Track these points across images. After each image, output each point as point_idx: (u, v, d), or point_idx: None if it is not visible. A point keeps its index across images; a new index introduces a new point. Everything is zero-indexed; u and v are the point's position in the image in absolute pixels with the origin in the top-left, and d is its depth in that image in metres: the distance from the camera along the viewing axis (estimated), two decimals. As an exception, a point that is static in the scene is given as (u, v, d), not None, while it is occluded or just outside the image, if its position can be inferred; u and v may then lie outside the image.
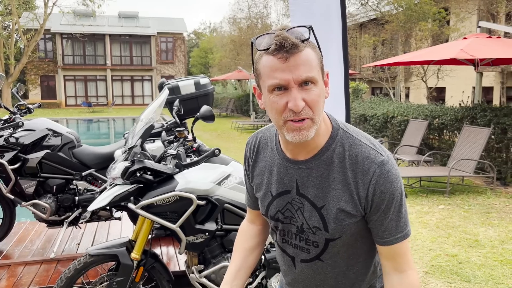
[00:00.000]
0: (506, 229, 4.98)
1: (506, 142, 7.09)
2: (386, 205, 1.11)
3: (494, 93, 13.55)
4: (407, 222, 1.15)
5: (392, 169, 1.10)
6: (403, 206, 1.14)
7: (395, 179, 1.10)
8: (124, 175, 2.40)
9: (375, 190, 1.09)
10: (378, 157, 1.10)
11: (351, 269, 1.24)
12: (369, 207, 1.11)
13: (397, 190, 1.11)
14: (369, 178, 1.09)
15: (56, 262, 3.58)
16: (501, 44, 6.88)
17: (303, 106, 1.03)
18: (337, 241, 1.17)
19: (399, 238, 1.14)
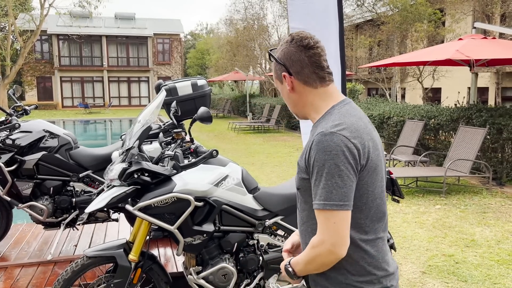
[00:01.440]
0: (502, 229, 5.00)
1: (502, 142, 7.13)
2: (311, 170, 1.31)
3: (489, 94, 13.61)
4: (326, 196, 1.27)
5: (324, 141, 1.28)
6: (326, 179, 1.27)
7: (322, 150, 1.27)
8: (121, 176, 2.41)
9: (309, 154, 1.32)
10: (322, 129, 1.31)
11: (313, 230, 1.40)
12: (307, 166, 1.34)
13: (320, 160, 1.27)
14: (310, 142, 1.33)
15: (53, 264, 3.57)
16: (496, 44, 6.92)
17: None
18: (299, 192, 1.42)
19: (314, 205, 1.30)
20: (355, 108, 1.41)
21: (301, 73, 1.40)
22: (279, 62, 1.42)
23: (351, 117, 1.35)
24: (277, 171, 8.63)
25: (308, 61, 1.39)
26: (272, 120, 16.75)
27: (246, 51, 23.08)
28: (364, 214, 1.35)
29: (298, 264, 1.39)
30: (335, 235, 1.27)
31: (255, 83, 34.61)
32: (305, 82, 1.40)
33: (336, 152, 1.26)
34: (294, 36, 1.41)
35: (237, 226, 2.69)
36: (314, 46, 1.39)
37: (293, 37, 1.41)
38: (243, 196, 2.68)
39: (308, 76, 1.39)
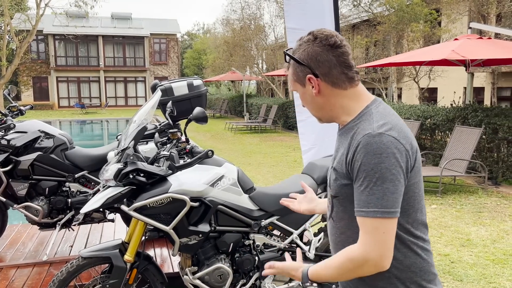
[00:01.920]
0: (498, 228, 5.02)
1: (497, 142, 7.16)
2: (357, 174, 1.20)
3: (485, 94, 13.67)
4: (376, 203, 1.17)
5: (373, 143, 1.17)
6: (376, 184, 1.16)
7: (371, 153, 1.17)
8: (117, 177, 2.40)
9: (353, 157, 1.21)
10: (368, 130, 1.20)
11: (355, 240, 1.29)
12: (351, 171, 1.23)
13: (370, 163, 1.17)
14: (355, 145, 1.21)
15: (49, 265, 3.56)
16: (491, 45, 6.94)
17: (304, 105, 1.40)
18: (337, 200, 1.31)
19: (360, 212, 1.20)
20: (389, 107, 1.32)
21: (329, 75, 1.28)
22: (303, 63, 1.29)
23: (393, 116, 1.25)
24: (274, 171, 8.63)
25: (336, 61, 1.28)
26: (269, 120, 16.76)
27: (243, 51, 23.07)
28: (412, 217, 1.26)
29: (320, 274, 1.28)
30: (383, 246, 1.17)
31: (252, 83, 34.62)
32: (334, 84, 1.29)
33: (387, 155, 1.16)
34: (317, 34, 1.29)
35: (233, 226, 2.69)
36: (341, 45, 1.29)
37: (316, 36, 1.29)
38: (239, 196, 2.68)
39: (337, 77, 1.29)
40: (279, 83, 24.14)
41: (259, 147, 12.29)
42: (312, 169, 3.04)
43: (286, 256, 1.56)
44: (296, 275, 1.35)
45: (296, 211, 1.68)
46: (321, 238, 2.94)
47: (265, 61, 24.80)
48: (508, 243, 4.54)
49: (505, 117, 7.09)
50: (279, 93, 22.31)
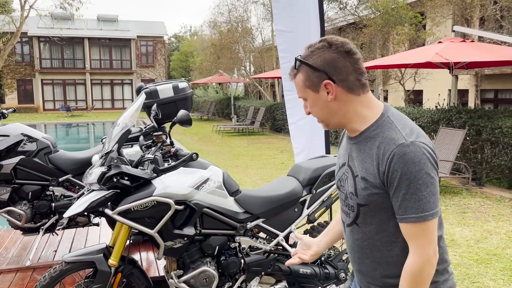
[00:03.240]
0: (481, 229, 5.10)
1: (481, 143, 7.28)
2: (398, 182, 1.25)
3: (469, 96, 13.88)
4: (424, 207, 1.24)
5: (410, 153, 1.24)
6: (421, 190, 1.24)
7: (410, 162, 1.24)
8: (100, 180, 2.38)
9: (389, 167, 1.26)
10: (400, 140, 1.26)
11: (387, 246, 1.36)
12: (386, 182, 1.28)
13: (411, 172, 1.23)
14: (388, 155, 1.27)
15: (32, 270, 3.51)
16: (474, 48, 7.06)
17: (309, 112, 1.42)
18: (365, 208, 1.36)
19: (409, 219, 1.26)
20: (398, 111, 1.40)
21: (346, 80, 1.32)
22: (320, 69, 1.32)
23: (409, 121, 1.34)
24: (261, 174, 8.64)
25: (352, 67, 1.32)
26: (257, 122, 16.77)
27: (230, 54, 23.07)
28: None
29: None
30: (434, 243, 1.27)
31: (240, 86, 34.63)
32: (350, 90, 1.33)
33: (424, 161, 1.24)
34: (332, 41, 1.33)
35: (219, 229, 2.68)
36: (355, 52, 1.33)
37: (331, 42, 1.33)
38: (224, 199, 2.68)
39: (353, 83, 1.33)
40: (266, 86, 24.19)
41: (246, 150, 12.29)
42: (297, 171, 3.05)
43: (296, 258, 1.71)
44: None
45: (307, 261, 1.71)
46: (307, 240, 2.95)
47: (253, 63, 24.83)
48: (491, 243, 4.62)
49: (488, 118, 7.21)
50: (266, 95, 22.34)
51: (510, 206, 6.07)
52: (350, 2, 14.75)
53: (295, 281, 2.93)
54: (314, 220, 3.03)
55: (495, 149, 7.05)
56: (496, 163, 6.97)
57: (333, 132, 11.66)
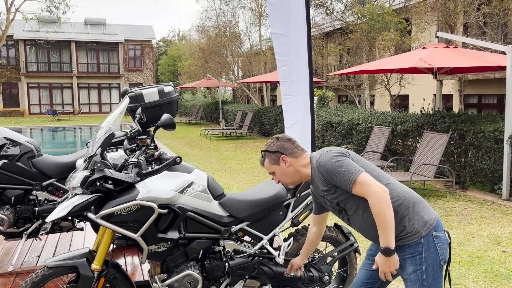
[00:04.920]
0: (464, 231, 5.18)
1: (464, 148, 7.39)
2: (330, 176, 2.05)
3: (453, 101, 14.10)
4: (348, 174, 1.99)
5: (321, 161, 2.08)
6: (340, 171, 2.01)
7: (324, 163, 2.06)
8: (83, 184, 2.37)
9: (322, 174, 2.09)
10: (315, 160, 2.16)
11: (367, 210, 2.04)
12: (328, 181, 2.08)
13: (329, 168, 2.04)
14: (318, 171, 2.12)
15: (15, 276, 3.47)
16: (457, 53, 7.19)
17: (279, 181, 2.28)
18: (339, 202, 2.11)
19: (350, 184, 1.99)
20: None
21: (291, 153, 2.22)
22: (277, 151, 2.22)
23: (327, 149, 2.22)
24: (249, 178, 8.65)
25: (293, 145, 2.24)
26: (245, 126, 16.79)
27: (218, 58, 23.09)
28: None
29: (388, 234, 1.92)
30: (372, 185, 1.99)
31: (228, 90, 34.64)
32: (295, 156, 2.22)
33: (329, 158, 2.08)
34: (279, 136, 2.27)
35: (203, 233, 2.69)
36: (292, 139, 2.26)
37: (278, 137, 2.26)
38: (209, 203, 2.69)
39: (296, 153, 2.23)
40: (254, 90, 24.25)
41: (234, 154, 12.30)
42: (281, 175, 3.07)
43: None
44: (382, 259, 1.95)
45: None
46: (291, 243, 2.97)
47: (241, 68, 24.88)
48: (474, 246, 4.69)
49: (471, 123, 7.34)
50: (254, 100, 22.39)
51: (492, 209, 6.18)
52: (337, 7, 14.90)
53: (280, 284, 2.95)
54: (298, 223, 3.05)
55: (478, 153, 7.17)
56: (479, 167, 7.09)
57: (320, 137, 11.74)
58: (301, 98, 4.37)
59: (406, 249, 2.00)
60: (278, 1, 4.22)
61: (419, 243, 1.97)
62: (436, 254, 1.98)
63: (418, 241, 1.97)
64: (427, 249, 1.97)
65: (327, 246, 3.42)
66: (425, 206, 2.05)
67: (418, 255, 1.97)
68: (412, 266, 1.98)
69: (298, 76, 4.32)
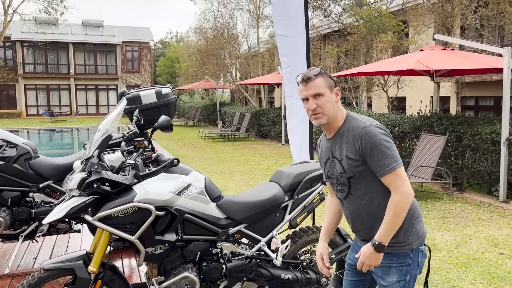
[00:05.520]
0: (461, 233, 5.18)
1: (462, 150, 7.41)
2: (370, 150, 1.87)
3: (451, 103, 14.13)
4: (391, 159, 1.85)
5: (371, 130, 1.88)
6: (385, 151, 1.85)
7: (373, 135, 1.87)
8: (81, 186, 2.37)
9: (361, 143, 1.89)
10: (363, 124, 1.92)
11: (374, 200, 1.94)
12: (362, 154, 1.89)
13: (375, 141, 1.86)
14: (358, 136, 1.90)
15: (11, 278, 3.45)
16: (455, 56, 7.21)
17: (316, 107, 1.94)
18: (354, 178, 1.95)
19: (386, 171, 1.86)
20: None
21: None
22: (333, 80, 1.99)
23: (366, 116, 1.99)
24: (246, 179, 8.65)
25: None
26: (242, 128, 16.79)
27: (216, 60, 23.10)
28: None
29: (386, 232, 1.87)
30: (407, 182, 1.91)
31: (226, 92, 34.65)
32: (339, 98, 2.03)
33: (380, 134, 1.88)
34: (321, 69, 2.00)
35: (200, 235, 2.68)
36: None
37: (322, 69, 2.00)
38: (206, 205, 2.68)
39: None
40: (252, 92, 24.25)
41: (232, 155, 12.29)
42: (279, 177, 3.08)
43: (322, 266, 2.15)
44: (370, 252, 1.90)
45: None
46: (288, 245, 2.97)
47: (239, 69, 24.89)
48: (471, 248, 4.70)
49: (469, 125, 7.35)
50: (252, 101, 22.40)
51: (489, 211, 6.19)
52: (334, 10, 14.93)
53: (277, 287, 2.94)
54: (296, 226, 3.05)
55: (475, 155, 7.18)
56: (476, 169, 7.10)
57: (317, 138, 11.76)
58: (293, 101, 4.38)
59: (394, 257, 1.96)
60: (280, 2, 4.24)
61: (408, 254, 1.96)
62: (417, 268, 1.99)
63: (407, 253, 1.96)
64: (413, 262, 1.97)
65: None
66: (421, 219, 2.03)
67: (405, 266, 1.96)
68: (396, 276, 1.96)
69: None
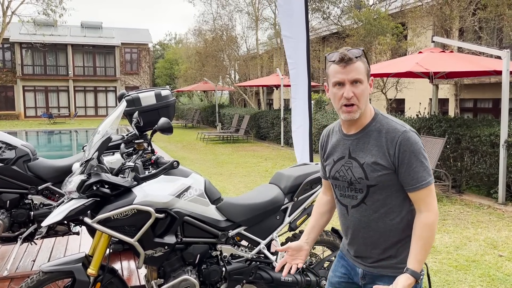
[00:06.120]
0: (461, 235, 5.18)
1: (460, 152, 7.42)
2: (408, 159, 1.62)
3: (449, 105, 14.16)
4: (429, 173, 1.64)
5: (412, 136, 1.64)
6: (424, 163, 1.64)
7: (414, 143, 1.64)
8: (80, 188, 2.36)
9: (399, 149, 1.63)
10: (402, 128, 1.66)
11: (389, 215, 1.70)
12: (396, 161, 1.64)
13: (416, 150, 1.63)
14: (396, 141, 1.64)
15: (9, 281, 3.43)
16: (453, 58, 7.22)
17: (352, 96, 1.63)
18: (375, 187, 1.68)
19: (422, 185, 1.63)
20: None
21: None
22: (369, 65, 1.72)
23: (396, 119, 1.75)
24: (245, 181, 8.64)
25: None
26: (241, 130, 16.79)
27: (215, 62, 23.10)
28: None
29: (420, 259, 1.62)
30: (436, 202, 1.70)
31: (225, 93, 34.66)
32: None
33: (420, 143, 1.66)
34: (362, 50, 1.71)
35: (200, 238, 2.68)
36: None
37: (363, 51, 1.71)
38: (206, 207, 2.68)
39: None
40: (251, 94, 24.26)
41: (231, 157, 12.28)
42: (279, 179, 3.07)
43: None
44: (406, 282, 1.60)
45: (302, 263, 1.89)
46: (288, 247, 2.96)
47: (238, 71, 24.90)
48: (470, 250, 4.69)
49: (467, 127, 7.36)
50: (251, 103, 22.40)
51: (488, 213, 6.19)
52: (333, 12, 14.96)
53: (277, 289, 2.93)
54: (296, 228, 3.04)
55: (474, 157, 7.19)
56: (475, 171, 7.11)
57: (317, 141, 11.75)
58: (301, 102, 4.40)
59: (386, 279, 1.73)
60: (285, 2, 4.26)
61: None
62: (420, 287, 1.75)
63: None
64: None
65: (324, 250, 3.41)
66: None
67: None
68: None
69: (302, 79, 4.36)
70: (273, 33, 20.91)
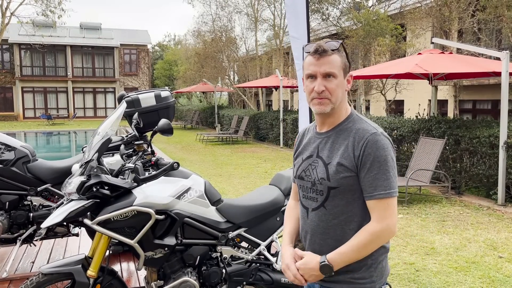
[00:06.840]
0: (460, 237, 5.18)
1: (460, 153, 7.42)
2: (371, 163, 1.51)
3: (448, 106, 14.17)
4: (391, 185, 1.51)
5: (380, 140, 1.52)
6: (387, 172, 1.51)
7: (381, 147, 1.51)
8: (80, 190, 2.35)
9: (364, 151, 1.52)
10: (372, 130, 1.55)
11: (349, 225, 1.57)
12: (359, 164, 1.52)
13: (381, 155, 1.51)
14: (362, 142, 1.53)
15: (9, 282, 3.42)
16: (453, 59, 7.22)
17: (323, 90, 1.55)
18: (336, 190, 1.56)
19: (379, 195, 1.50)
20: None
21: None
22: (349, 64, 1.62)
23: (371, 121, 1.64)
24: (245, 183, 8.63)
25: None
26: (240, 131, 16.78)
27: (214, 63, 23.10)
28: None
29: (341, 255, 1.52)
30: (395, 216, 1.53)
31: (224, 95, 34.65)
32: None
33: (390, 149, 1.54)
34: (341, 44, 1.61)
35: (200, 239, 2.67)
36: None
37: (342, 44, 1.61)
38: (206, 209, 2.67)
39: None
40: (250, 95, 24.26)
41: (230, 159, 12.28)
42: (279, 180, 3.07)
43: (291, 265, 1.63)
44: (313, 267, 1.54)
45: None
46: (289, 249, 2.96)
47: (237, 72, 24.91)
48: (470, 251, 4.69)
49: (467, 128, 7.37)
50: (250, 104, 22.41)
51: (488, 214, 6.19)
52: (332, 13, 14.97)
53: (277, 291, 2.93)
54: (296, 229, 3.03)
55: (473, 159, 7.19)
56: (475, 172, 7.11)
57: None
58: (305, 103, 4.40)
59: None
60: (292, 2, 4.27)
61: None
62: None
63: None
64: None
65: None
66: (387, 256, 1.67)
67: None
68: None
69: None
70: (272, 34, 20.92)
